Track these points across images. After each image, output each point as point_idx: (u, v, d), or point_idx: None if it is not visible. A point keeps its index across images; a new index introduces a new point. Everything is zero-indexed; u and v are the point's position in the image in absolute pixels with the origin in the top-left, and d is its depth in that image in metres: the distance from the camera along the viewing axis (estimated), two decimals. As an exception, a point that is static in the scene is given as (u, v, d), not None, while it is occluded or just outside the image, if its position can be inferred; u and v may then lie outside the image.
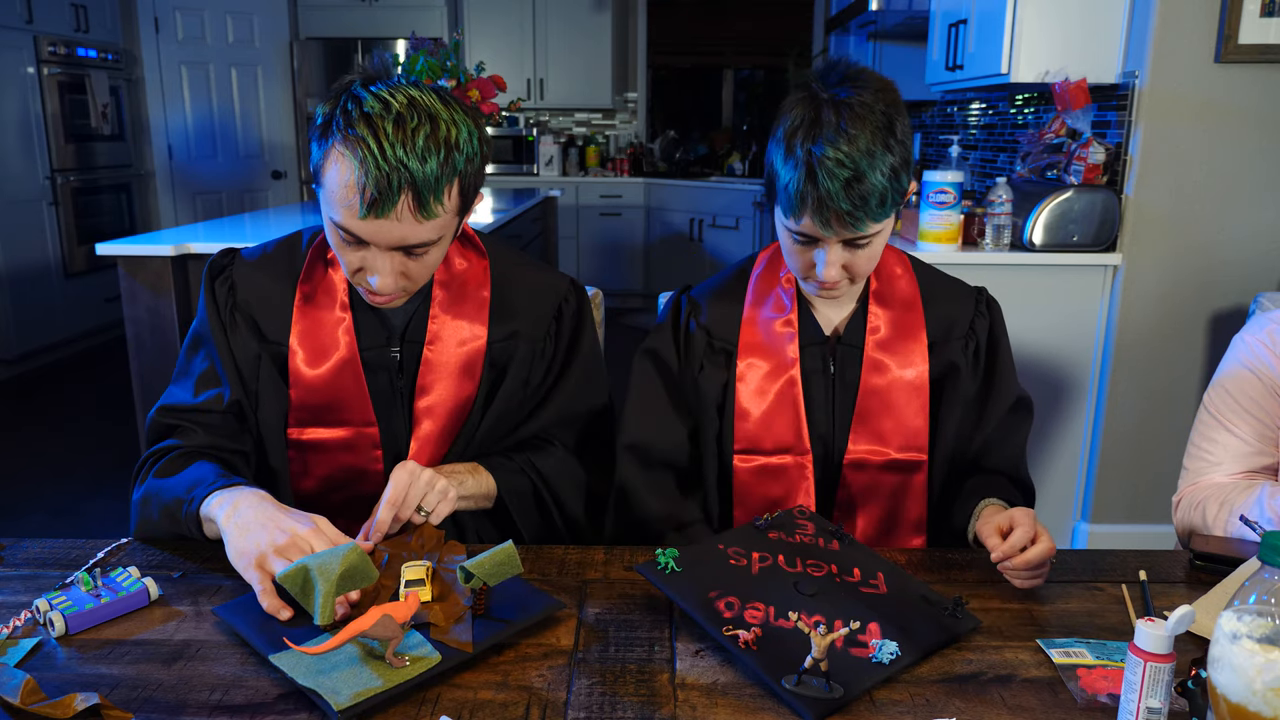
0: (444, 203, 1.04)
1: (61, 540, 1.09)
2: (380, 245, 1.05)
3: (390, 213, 1.01)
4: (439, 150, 1.01)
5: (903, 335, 1.22)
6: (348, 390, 1.19)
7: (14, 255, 4.79)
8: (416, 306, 1.21)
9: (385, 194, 0.99)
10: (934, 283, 1.27)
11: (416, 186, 1.01)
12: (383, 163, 0.98)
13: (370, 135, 0.99)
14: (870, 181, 1.05)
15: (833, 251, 1.11)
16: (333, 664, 0.82)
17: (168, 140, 5.90)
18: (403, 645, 0.85)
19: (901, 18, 4.05)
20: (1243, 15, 2.45)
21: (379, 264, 1.06)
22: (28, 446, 3.85)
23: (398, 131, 0.99)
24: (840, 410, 1.22)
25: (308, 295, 1.19)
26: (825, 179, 1.04)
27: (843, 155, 1.04)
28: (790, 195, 1.08)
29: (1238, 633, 0.65)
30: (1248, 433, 1.25)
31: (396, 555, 1.01)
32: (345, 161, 1.01)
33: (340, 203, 1.02)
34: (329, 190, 1.04)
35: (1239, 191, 2.58)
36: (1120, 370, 2.67)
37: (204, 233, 2.96)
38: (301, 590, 0.87)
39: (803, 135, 1.07)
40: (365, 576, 0.89)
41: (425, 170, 1.00)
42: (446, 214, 1.06)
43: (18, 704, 0.73)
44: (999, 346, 1.26)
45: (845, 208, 1.05)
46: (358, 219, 1.02)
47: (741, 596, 0.92)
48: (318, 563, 0.87)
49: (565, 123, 6.87)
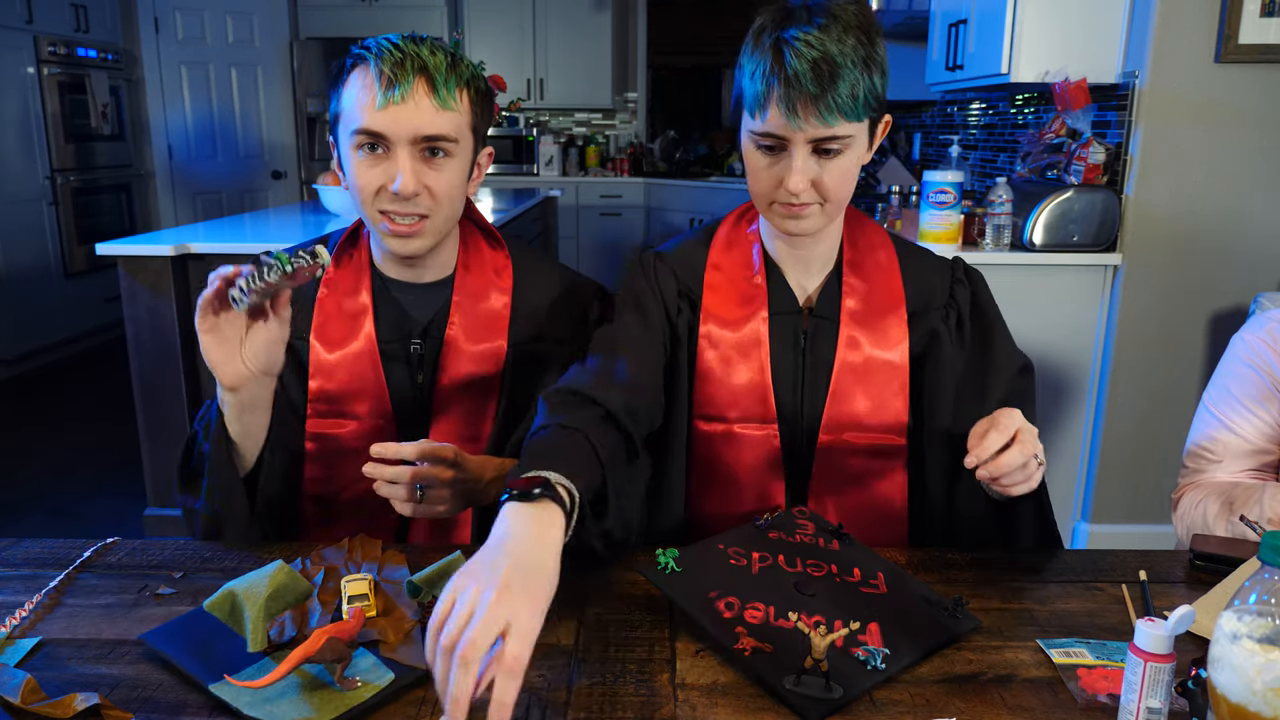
0: (456, 99, 1.10)
1: (61, 540, 1.09)
2: (401, 139, 1.08)
3: (408, 96, 1.07)
4: (446, 55, 1.11)
5: (880, 310, 1.16)
6: (365, 380, 1.19)
7: (14, 255, 4.79)
8: (439, 301, 1.22)
9: (400, 75, 1.07)
10: (910, 254, 1.22)
11: (429, 72, 1.08)
12: (395, 52, 1.08)
13: (384, 41, 1.11)
14: (840, 65, 1.00)
15: (800, 156, 1.05)
16: (280, 691, 0.78)
17: (168, 140, 5.90)
18: (352, 667, 0.81)
19: (901, 18, 4.05)
20: (1243, 15, 2.45)
21: (400, 163, 1.09)
22: (28, 446, 3.85)
23: (408, 39, 1.11)
24: (811, 388, 1.17)
25: (331, 286, 1.21)
26: (792, 58, 1.00)
27: (812, 38, 1.00)
28: (756, 83, 1.04)
29: (1238, 633, 0.65)
30: (1248, 431, 1.25)
31: (334, 569, 0.96)
32: (361, 69, 1.10)
33: (360, 105, 1.09)
34: (347, 108, 1.11)
35: (1239, 191, 2.58)
36: (1120, 370, 2.67)
37: (204, 233, 2.96)
38: (230, 616, 0.84)
39: (771, 27, 1.05)
40: (296, 594, 0.85)
41: (435, 61, 1.09)
42: (461, 113, 1.12)
43: (18, 703, 0.73)
44: (987, 314, 1.20)
45: (813, 90, 1.00)
46: (376, 110, 1.07)
47: (741, 596, 0.91)
48: (244, 586, 0.83)
49: (565, 123, 6.87)
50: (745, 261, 1.19)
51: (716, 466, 1.18)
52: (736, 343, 1.16)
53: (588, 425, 0.97)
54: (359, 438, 1.19)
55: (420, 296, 1.22)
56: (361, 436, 1.20)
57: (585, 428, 0.96)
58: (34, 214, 4.95)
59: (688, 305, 1.19)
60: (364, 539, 1.03)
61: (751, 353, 1.16)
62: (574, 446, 0.93)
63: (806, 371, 1.17)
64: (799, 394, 1.17)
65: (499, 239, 1.27)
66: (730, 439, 1.17)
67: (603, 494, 0.95)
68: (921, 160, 4.70)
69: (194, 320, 1.02)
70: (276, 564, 0.86)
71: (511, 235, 1.30)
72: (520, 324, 1.23)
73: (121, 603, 0.95)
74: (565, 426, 0.96)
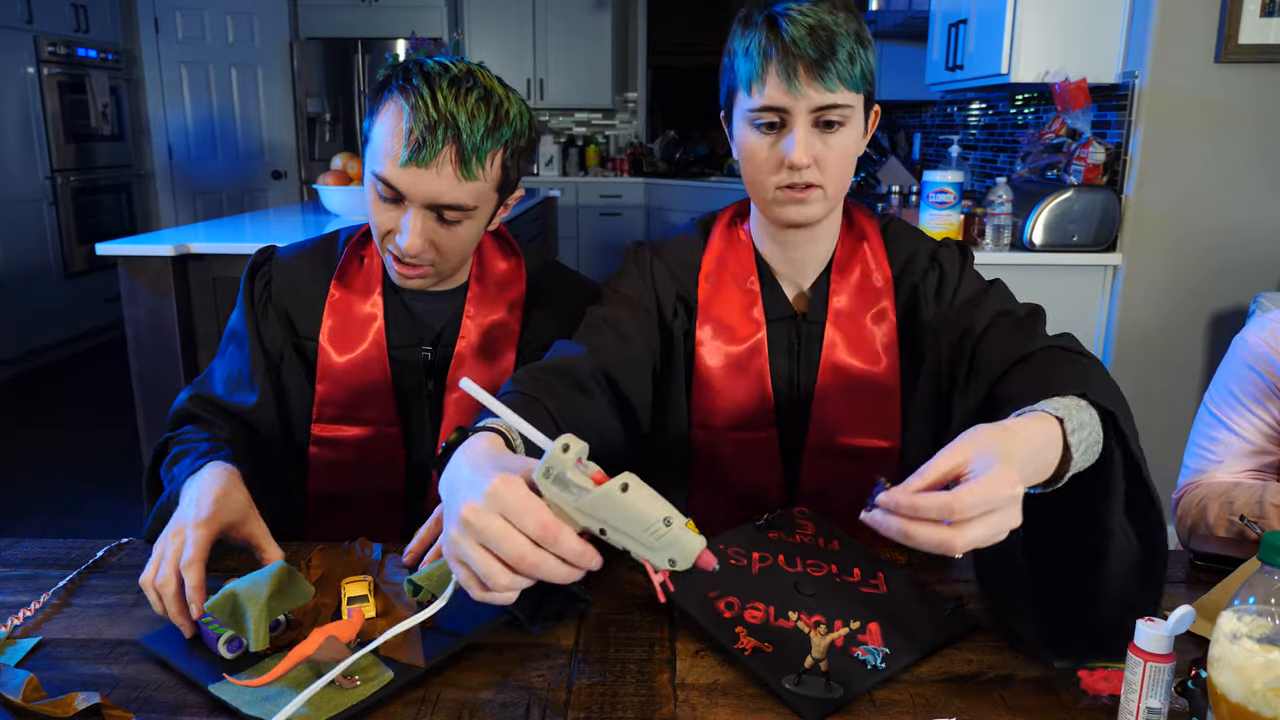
0: (485, 167, 1.05)
1: (61, 540, 1.09)
2: (416, 200, 1.05)
3: (432, 163, 1.02)
4: (489, 114, 1.04)
5: (866, 302, 1.14)
6: (373, 385, 1.18)
7: (14, 255, 4.79)
8: (452, 309, 1.21)
9: (429, 141, 1.01)
10: (900, 229, 1.20)
11: (461, 142, 1.03)
12: (432, 110, 1.01)
13: (425, 86, 1.02)
14: (836, 32, 1.01)
15: (802, 128, 1.03)
16: (279, 690, 0.78)
17: (168, 140, 5.91)
18: (352, 667, 0.80)
19: (901, 18, 4.05)
20: (1243, 15, 2.45)
21: (410, 222, 1.06)
22: (28, 446, 3.86)
23: (452, 88, 1.03)
24: (806, 392, 1.16)
25: (342, 290, 1.20)
26: (788, 26, 1.01)
27: (805, 9, 1.01)
28: (751, 59, 1.03)
29: (1238, 633, 0.65)
30: (1250, 431, 1.25)
31: (333, 571, 0.96)
32: (396, 109, 1.04)
33: (384, 152, 1.04)
34: (375, 143, 1.06)
35: (1239, 191, 2.58)
36: (1120, 370, 2.67)
37: (204, 233, 2.96)
38: (231, 616, 0.83)
39: (759, 7, 1.05)
40: (298, 594, 0.85)
41: (472, 127, 1.03)
42: (486, 183, 1.07)
43: (19, 702, 0.73)
44: (974, 279, 1.14)
45: (812, 54, 1.00)
46: (398, 167, 1.03)
47: (741, 596, 0.91)
48: (245, 586, 0.83)
49: (565, 123, 6.87)
50: (740, 265, 1.17)
51: (716, 471, 1.18)
52: (736, 354, 1.15)
53: (549, 394, 0.94)
54: (365, 442, 1.19)
55: (432, 304, 1.21)
56: (368, 441, 1.19)
57: (545, 396, 0.93)
58: (34, 214, 4.95)
59: (683, 308, 1.17)
60: (364, 541, 1.03)
61: (751, 363, 1.15)
62: (527, 410, 0.89)
63: (801, 375, 1.16)
64: (794, 397, 1.17)
65: (515, 248, 1.26)
66: (730, 446, 1.16)
67: None
68: (921, 160, 4.70)
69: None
70: (278, 564, 0.86)
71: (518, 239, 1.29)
72: (532, 335, 1.22)
73: (122, 603, 0.95)
74: (524, 394, 0.93)
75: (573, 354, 1.04)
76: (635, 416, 1.11)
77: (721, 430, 1.16)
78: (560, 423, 0.91)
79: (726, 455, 1.17)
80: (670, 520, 0.65)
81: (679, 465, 1.19)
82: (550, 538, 0.63)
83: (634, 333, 1.12)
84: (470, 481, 0.68)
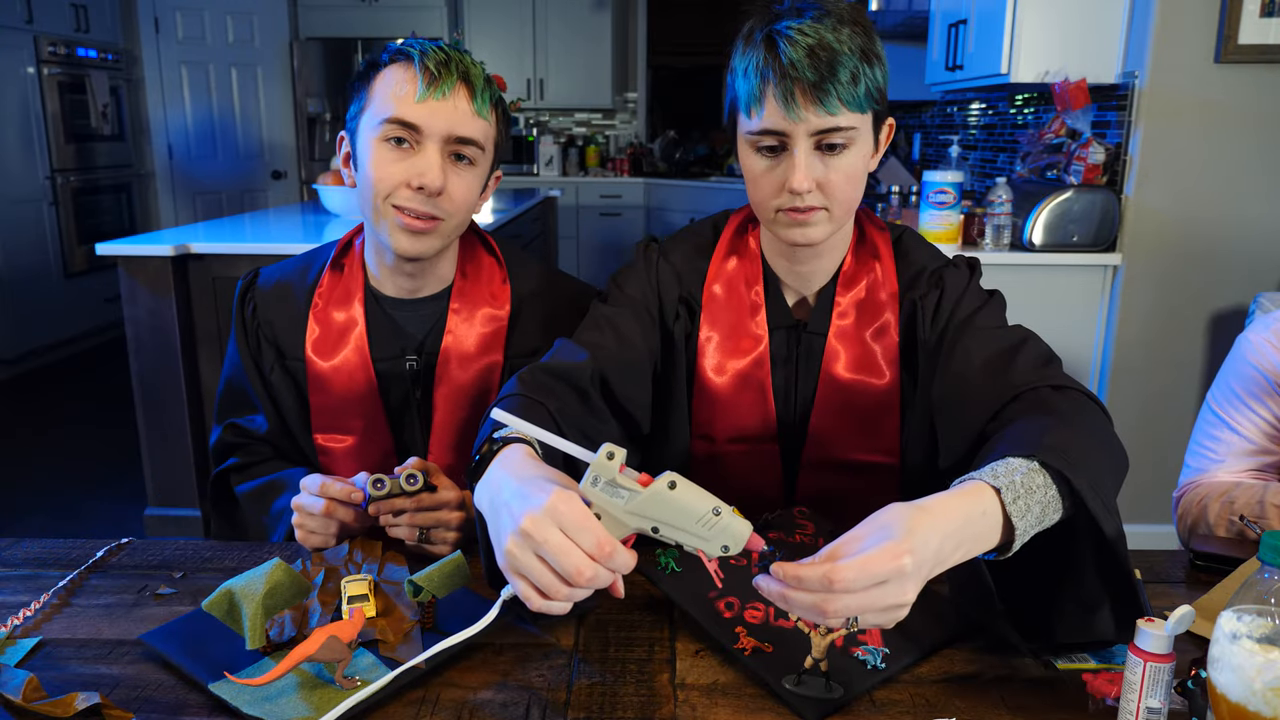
0: (489, 109, 1.12)
1: (61, 540, 1.09)
2: (434, 134, 1.09)
3: (449, 95, 1.09)
4: (479, 72, 1.13)
5: (870, 313, 1.11)
6: (358, 392, 1.19)
7: (14, 255, 4.79)
8: (434, 317, 1.21)
9: (444, 74, 1.08)
10: (912, 243, 1.16)
11: (470, 79, 1.10)
12: (440, 53, 1.10)
13: (426, 44, 1.12)
14: (837, 51, 0.96)
15: (802, 152, 0.99)
16: (279, 689, 0.78)
17: (168, 140, 5.91)
18: (352, 667, 0.81)
19: (901, 18, 4.05)
20: (1243, 15, 2.45)
21: (429, 158, 1.09)
22: (28, 446, 3.86)
23: (444, 51, 1.12)
24: (805, 404, 1.14)
25: (323, 298, 1.21)
26: (787, 47, 0.96)
27: (806, 27, 0.97)
28: (750, 80, 0.99)
29: (1238, 633, 0.65)
30: (1252, 430, 1.25)
31: (334, 570, 0.97)
32: (399, 66, 1.10)
33: (394, 96, 1.08)
34: (378, 100, 1.10)
35: (1239, 191, 2.59)
36: (1120, 370, 2.67)
37: (204, 233, 2.96)
38: (228, 614, 0.83)
39: (761, 24, 1.01)
40: (294, 592, 0.85)
41: (475, 70, 1.12)
42: (490, 125, 1.14)
43: (19, 702, 0.73)
44: (974, 297, 1.10)
45: (811, 77, 0.95)
46: (415, 102, 1.07)
47: (741, 596, 0.91)
48: (241, 584, 0.83)
49: (565, 123, 6.87)
50: (747, 275, 1.15)
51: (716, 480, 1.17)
52: (739, 369, 1.13)
53: (550, 397, 0.95)
54: (358, 452, 1.21)
55: (414, 313, 1.21)
56: (361, 450, 1.21)
57: (547, 399, 0.94)
58: (34, 214, 4.95)
59: (686, 310, 1.16)
60: (364, 540, 1.03)
61: (753, 377, 1.13)
62: (530, 411, 0.91)
63: (799, 385, 1.15)
64: (793, 410, 1.15)
65: (497, 251, 1.26)
66: (731, 457, 1.16)
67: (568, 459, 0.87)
68: (921, 160, 4.70)
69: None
70: (274, 562, 0.86)
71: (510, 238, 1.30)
72: (519, 336, 1.22)
73: (122, 603, 0.95)
74: (528, 397, 0.94)
75: (574, 357, 1.04)
76: (635, 419, 1.11)
77: (722, 443, 1.16)
78: (562, 425, 0.93)
79: (727, 466, 1.17)
80: (719, 510, 0.71)
81: (680, 470, 1.18)
82: (605, 555, 0.69)
83: (634, 334, 1.12)
84: (521, 494, 0.72)
